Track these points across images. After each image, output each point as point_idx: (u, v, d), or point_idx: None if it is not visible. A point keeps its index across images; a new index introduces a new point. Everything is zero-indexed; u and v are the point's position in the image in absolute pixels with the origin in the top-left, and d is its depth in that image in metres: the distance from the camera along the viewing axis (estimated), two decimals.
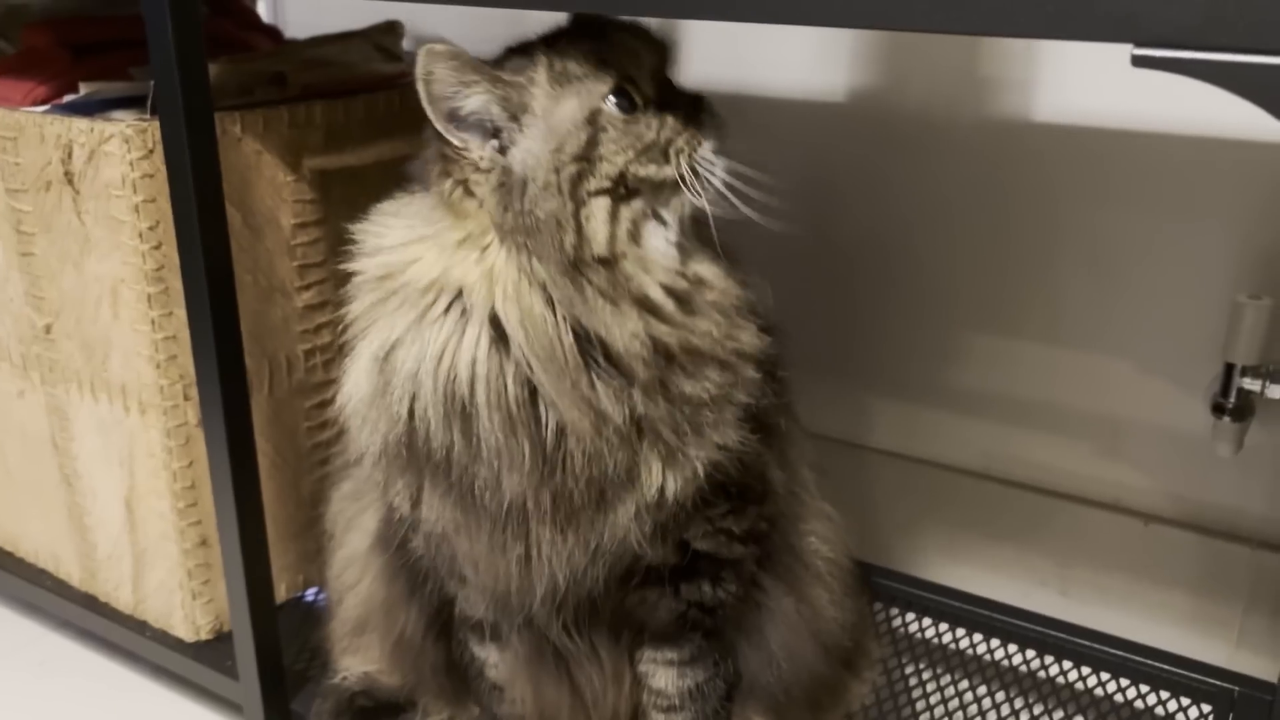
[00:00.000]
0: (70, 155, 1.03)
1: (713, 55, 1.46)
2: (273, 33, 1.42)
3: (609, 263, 0.77)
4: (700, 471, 0.81)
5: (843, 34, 1.34)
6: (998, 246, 1.31)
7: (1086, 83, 1.22)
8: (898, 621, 1.25)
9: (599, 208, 0.77)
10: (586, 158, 0.76)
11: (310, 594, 1.25)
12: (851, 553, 1.03)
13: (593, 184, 0.77)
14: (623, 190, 0.77)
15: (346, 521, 1.04)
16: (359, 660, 1.06)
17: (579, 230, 0.76)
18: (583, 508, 0.80)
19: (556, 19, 0.85)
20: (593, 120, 0.77)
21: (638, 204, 0.78)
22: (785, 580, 0.95)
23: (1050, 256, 1.28)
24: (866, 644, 1.12)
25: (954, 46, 1.28)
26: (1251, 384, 1.12)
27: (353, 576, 1.03)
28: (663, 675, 0.93)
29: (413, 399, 0.78)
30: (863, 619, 1.12)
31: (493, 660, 0.95)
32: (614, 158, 0.77)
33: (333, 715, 1.05)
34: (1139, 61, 0.55)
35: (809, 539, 0.96)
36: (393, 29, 1.30)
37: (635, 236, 0.78)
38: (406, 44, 1.32)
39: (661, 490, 0.80)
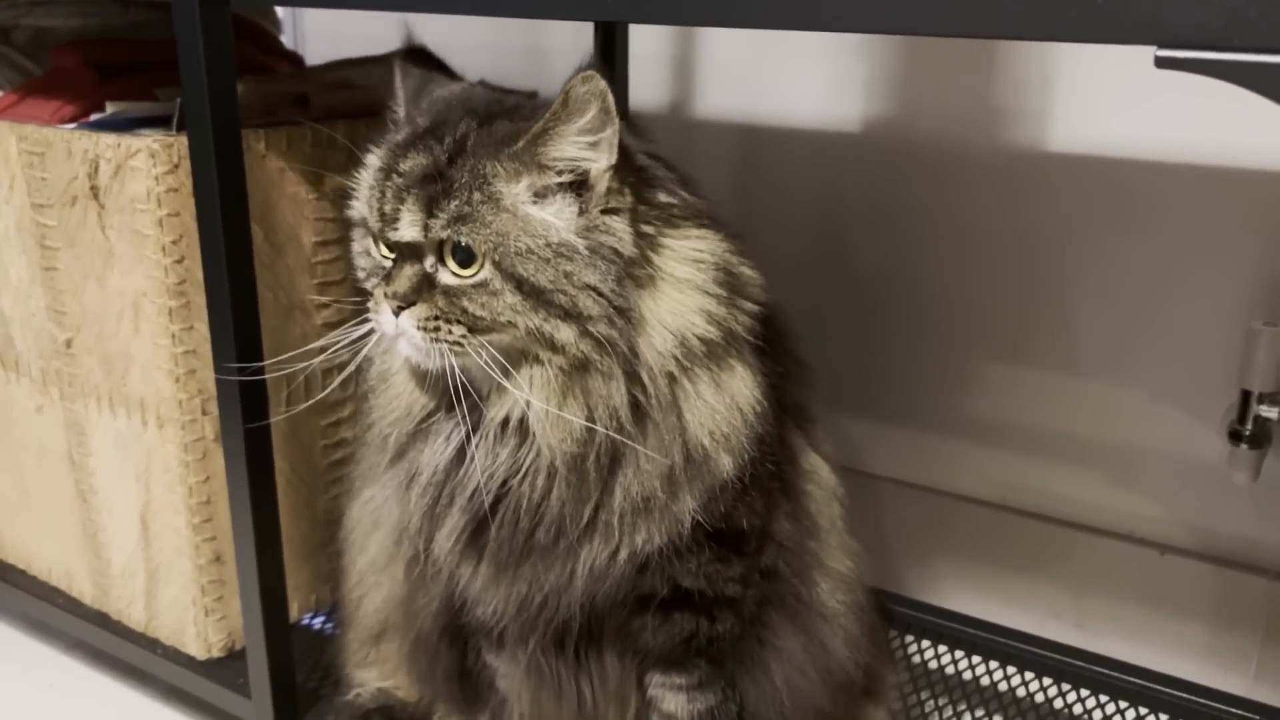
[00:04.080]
0: (96, 170, 1.05)
1: (727, 86, 1.49)
2: (294, 59, 1.43)
3: None
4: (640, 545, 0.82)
5: (857, 64, 1.36)
6: (1012, 276, 1.32)
7: (1100, 113, 1.23)
8: (914, 649, 1.24)
9: None
10: None
11: (319, 619, 1.25)
12: (871, 587, 1.02)
13: None
14: None
15: (372, 523, 1.02)
16: (375, 674, 1.06)
17: None
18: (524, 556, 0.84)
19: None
20: None
21: None
22: (793, 620, 0.93)
23: (1065, 286, 1.29)
24: (884, 673, 1.11)
25: (968, 75, 1.30)
26: (1268, 411, 1.12)
27: (375, 578, 1.03)
28: (672, 700, 0.93)
29: None
30: (881, 650, 1.11)
31: (503, 670, 0.95)
32: None
33: None
34: (1162, 63, 0.55)
35: (822, 584, 0.95)
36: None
37: None
38: None
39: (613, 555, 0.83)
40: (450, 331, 0.76)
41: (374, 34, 1.21)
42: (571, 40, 1.52)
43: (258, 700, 1.08)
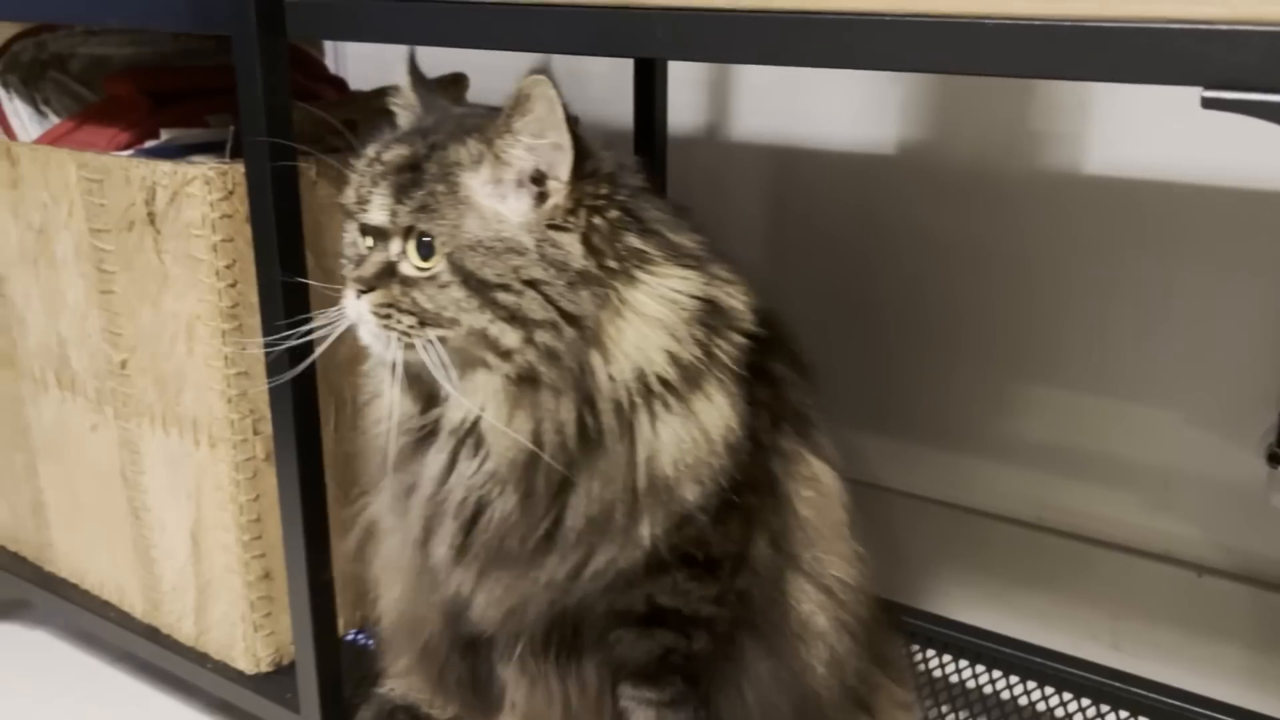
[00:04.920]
0: (154, 196, 1.07)
1: (764, 109, 1.50)
2: (339, 84, 1.46)
3: None
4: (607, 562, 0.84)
5: (893, 87, 1.37)
6: (1050, 298, 1.33)
7: (1137, 136, 1.24)
8: (950, 669, 1.25)
9: None
10: None
11: (364, 635, 1.26)
12: (876, 599, 1.01)
13: None
14: None
15: (368, 533, 1.06)
16: (405, 685, 1.09)
17: None
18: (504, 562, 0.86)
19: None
20: None
21: None
22: (765, 641, 0.93)
23: (1102, 307, 1.29)
24: (882, 705, 1.08)
25: (1004, 99, 1.31)
26: None
27: (387, 592, 1.05)
28: (641, 715, 0.93)
29: None
30: (880, 682, 1.08)
31: (501, 674, 0.97)
32: None
33: None
34: (1208, 104, 0.56)
35: (803, 604, 0.94)
36: (457, 81, 1.34)
37: None
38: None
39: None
40: (400, 321, 0.79)
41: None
42: (609, 63, 1.54)
43: (306, 714, 1.10)
